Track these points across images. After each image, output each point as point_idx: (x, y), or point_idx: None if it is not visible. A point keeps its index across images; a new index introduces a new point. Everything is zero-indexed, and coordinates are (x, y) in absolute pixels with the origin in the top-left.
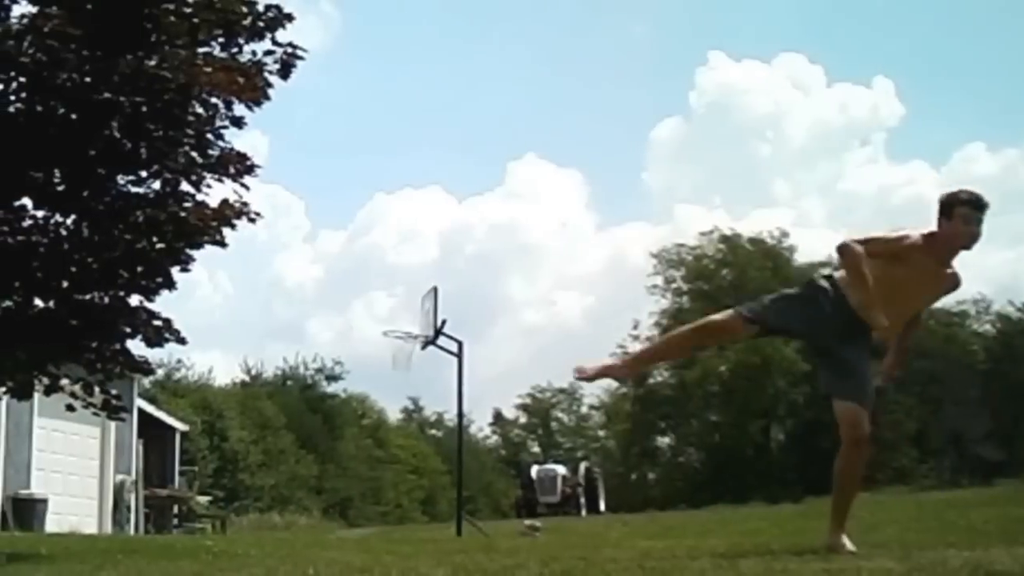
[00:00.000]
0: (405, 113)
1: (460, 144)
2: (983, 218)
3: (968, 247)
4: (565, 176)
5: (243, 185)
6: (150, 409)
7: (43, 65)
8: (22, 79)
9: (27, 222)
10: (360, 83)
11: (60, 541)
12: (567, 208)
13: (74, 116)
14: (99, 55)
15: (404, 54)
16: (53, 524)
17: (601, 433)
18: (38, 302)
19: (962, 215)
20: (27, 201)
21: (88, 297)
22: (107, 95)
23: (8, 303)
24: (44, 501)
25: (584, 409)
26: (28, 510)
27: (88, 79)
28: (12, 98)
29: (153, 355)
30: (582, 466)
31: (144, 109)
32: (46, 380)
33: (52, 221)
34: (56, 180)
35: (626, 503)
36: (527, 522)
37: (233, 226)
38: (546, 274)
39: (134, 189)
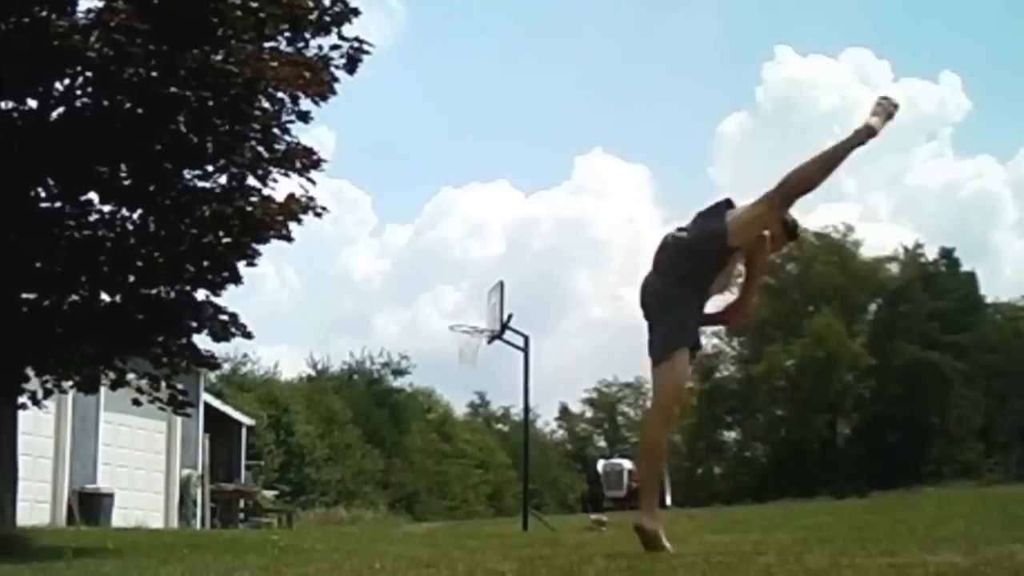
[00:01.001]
0: (472, 107)
1: (527, 138)
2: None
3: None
4: (632, 171)
5: (309, 180)
6: (216, 403)
7: (110, 60)
8: (88, 74)
9: (93, 216)
10: (427, 77)
11: (126, 535)
12: (634, 203)
13: (140, 111)
14: (165, 49)
15: (470, 48)
16: (119, 518)
17: None
18: (104, 296)
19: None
20: (93, 196)
21: (154, 291)
22: (173, 89)
23: (74, 297)
24: (110, 495)
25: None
26: (94, 504)
27: (154, 74)
28: (79, 93)
29: (219, 349)
30: None
31: (210, 103)
32: (112, 374)
33: (118, 215)
34: (122, 175)
35: (692, 497)
36: (593, 516)
37: (299, 220)
38: (613, 268)
39: (200, 183)
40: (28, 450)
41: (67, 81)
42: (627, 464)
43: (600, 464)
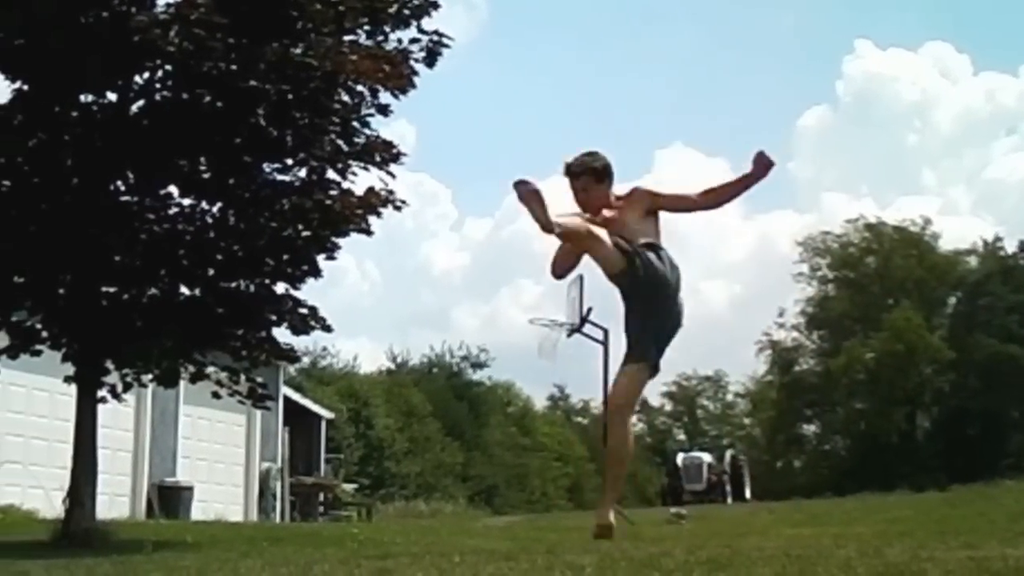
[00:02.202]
0: (553, 100)
1: (608, 131)
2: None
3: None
4: (712, 165)
5: (389, 173)
6: (296, 397)
7: (189, 54)
8: (168, 67)
9: (173, 210)
10: (507, 71)
11: (205, 529)
12: None
13: (220, 104)
14: (245, 43)
15: (551, 42)
16: (198, 512)
17: (747, 421)
18: (184, 290)
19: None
20: (173, 189)
21: (234, 285)
22: (253, 83)
23: (154, 291)
24: (190, 489)
25: (729, 397)
26: (174, 498)
27: (234, 67)
28: (158, 86)
29: (299, 343)
30: (728, 454)
31: (290, 97)
32: (192, 368)
33: (198, 209)
34: (202, 168)
35: (771, 491)
36: (673, 510)
37: (379, 214)
38: (692, 262)
39: (280, 177)
40: (107, 443)
41: (147, 75)
42: (706, 457)
43: (679, 457)
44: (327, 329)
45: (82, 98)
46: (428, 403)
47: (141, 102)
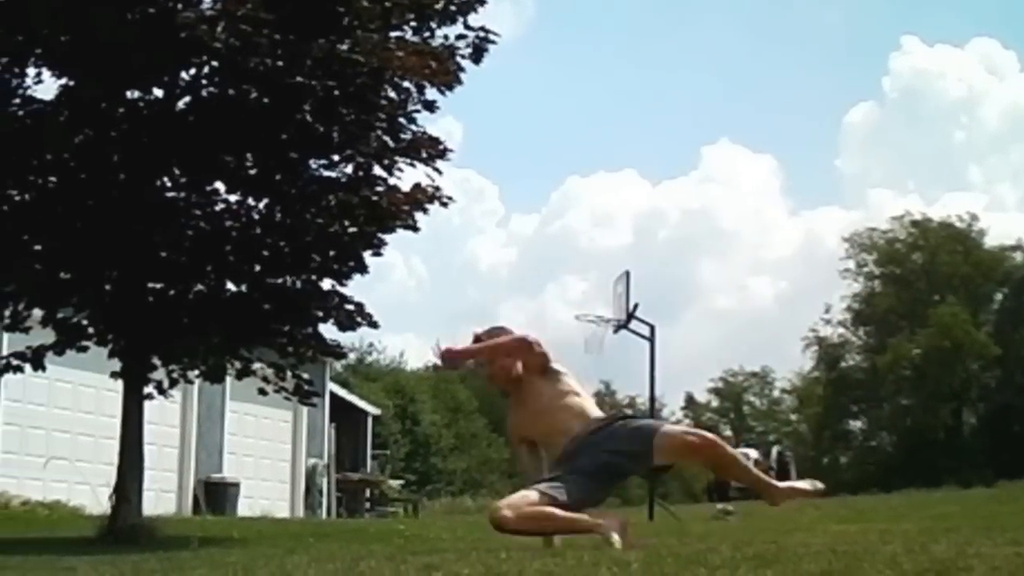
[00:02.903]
0: (599, 97)
1: (655, 128)
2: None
3: None
4: (759, 161)
5: (436, 169)
6: (342, 393)
7: (236, 50)
8: (215, 64)
9: (219, 206)
10: (554, 67)
11: (252, 525)
12: (760, 193)
13: (266, 100)
14: (291, 39)
15: (597, 38)
16: (245, 508)
17: (793, 417)
18: (230, 286)
19: None
20: (219, 185)
21: (280, 281)
22: (299, 79)
23: (200, 287)
24: (236, 485)
25: (776, 393)
26: (220, 494)
27: (280, 63)
28: (204, 83)
29: (345, 339)
30: (774, 450)
31: (336, 93)
32: (238, 364)
33: (244, 205)
34: (248, 164)
35: None
36: (719, 506)
37: (425, 210)
38: (739, 259)
39: (326, 173)
40: (154, 439)
41: (193, 71)
42: (753, 453)
43: None
44: (373, 325)
45: (128, 94)
46: (474, 399)
47: (187, 98)
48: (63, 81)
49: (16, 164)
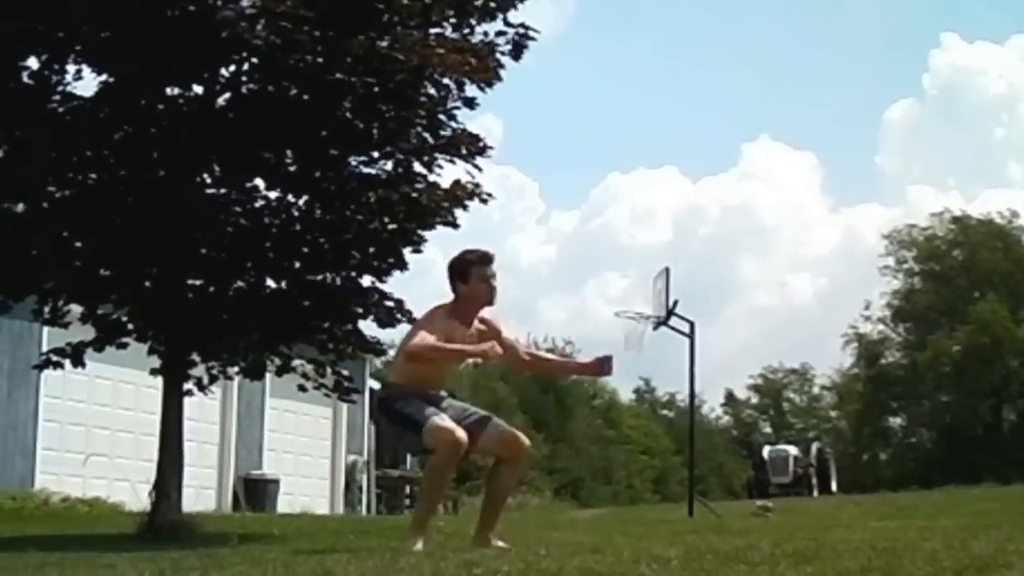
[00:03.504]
0: (639, 93)
1: (695, 124)
2: (495, 270)
3: (491, 302)
4: (799, 158)
5: (475, 166)
6: None
7: (276, 47)
8: (254, 60)
9: (259, 203)
10: (594, 64)
11: (292, 521)
12: (800, 190)
13: (306, 97)
14: (331, 36)
15: (638, 35)
16: (284, 504)
17: (833, 413)
18: (270, 283)
19: (478, 274)
20: (259, 182)
21: (320, 278)
22: (339, 76)
23: (240, 284)
24: (276, 481)
25: (816, 390)
26: (260, 490)
27: (320, 60)
28: (244, 80)
29: (385, 335)
30: (814, 447)
31: (376, 90)
32: (278, 360)
33: (284, 202)
34: (288, 161)
35: (858, 483)
36: (759, 503)
37: (465, 207)
38: (779, 256)
39: (366, 170)
40: (194, 436)
41: (232, 68)
42: (792, 450)
43: (766, 450)
44: (413, 322)
45: (168, 91)
46: (514, 396)
47: (227, 95)
48: (103, 78)
49: (56, 161)
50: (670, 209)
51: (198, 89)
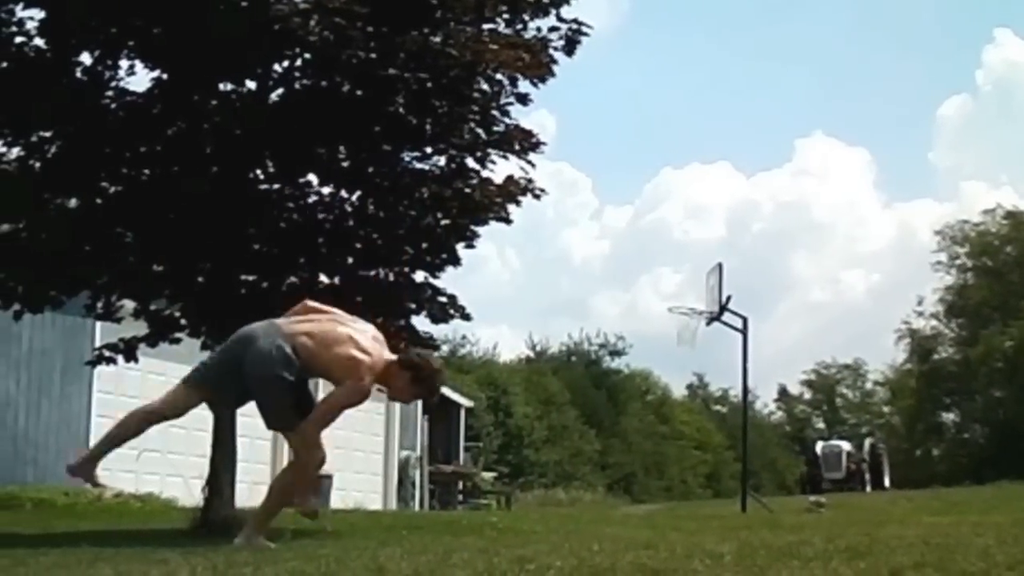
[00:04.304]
0: (693, 89)
1: (749, 120)
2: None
3: (404, 401)
4: (853, 154)
5: (528, 162)
6: None
7: (329, 43)
8: (308, 56)
9: (312, 198)
10: (647, 60)
11: (345, 517)
12: (854, 186)
13: (359, 93)
14: (384, 32)
15: (691, 30)
16: (337, 500)
17: (886, 409)
18: (323, 278)
19: (423, 383)
20: (312, 177)
21: (372, 273)
22: (392, 72)
23: (293, 279)
24: (328, 477)
25: (868, 385)
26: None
27: (373, 56)
28: (298, 75)
29: (438, 331)
30: (867, 442)
31: (429, 85)
32: None
33: (337, 197)
34: (341, 156)
35: (910, 479)
36: (812, 498)
37: (518, 202)
38: (832, 252)
39: (419, 165)
40: (246, 432)
41: (286, 64)
42: (846, 446)
43: (819, 446)
44: (466, 317)
45: (221, 86)
46: (567, 391)
47: (280, 90)
48: (156, 74)
49: (109, 157)
50: (724, 205)
51: (251, 85)
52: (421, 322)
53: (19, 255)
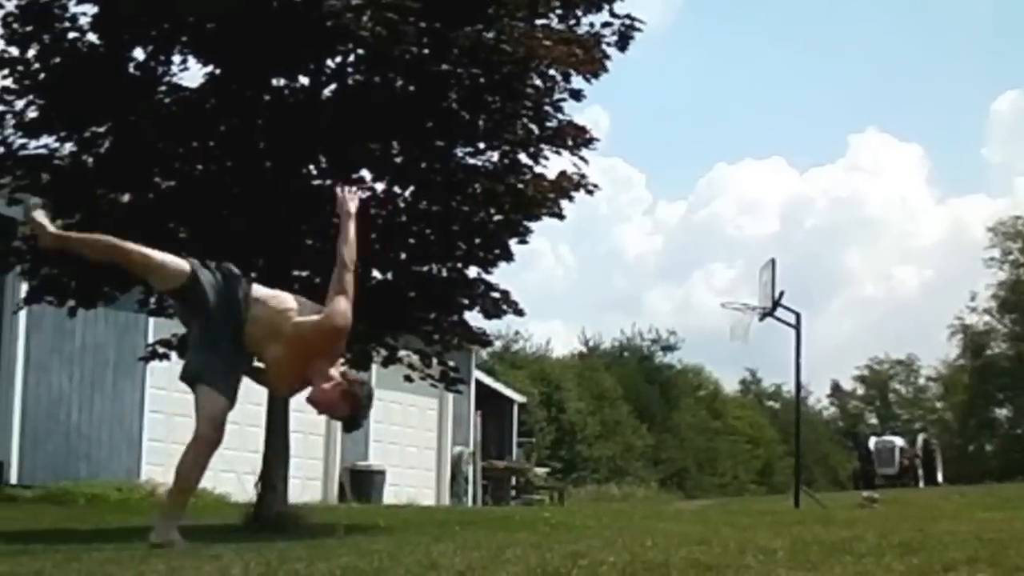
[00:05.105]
0: (746, 84)
1: (803, 115)
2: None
3: (320, 410)
4: (906, 150)
5: (581, 158)
6: (488, 381)
7: (382, 39)
8: (360, 51)
9: (365, 194)
10: (701, 55)
11: (398, 513)
12: (907, 181)
13: (412, 88)
14: (437, 28)
15: (745, 26)
16: (390, 495)
17: (938, 405)
18: (376, 274)
19: (349, 403)
20: (366, 173)
21: (426, 269)
22: (445, 67)
23: None
24: (382, 473)
25: (922, 381)
26: (366, 482)
27: (426, 51)
28: (350, 71)
29: (491, 326)
30: (920, 437)
31: (482, 81)
32: (384, 351)
33: (390, 193)
34: (394, 152)
35: (963, 475)
36: (865, 494)
37: (571, 198)
38: (885, 247)
39: (472, 161)
40: (300, 427)
41: (339, 59)
42: (899, 441)
43: (872, 441)
44: (519, 313)
45: (273, 82)
46: (619, 386)
47: (333, 86)
48: (208, 69)
49: (162, 152)
50: (777, 200)
51: (304, 80)
52: (474, 318)
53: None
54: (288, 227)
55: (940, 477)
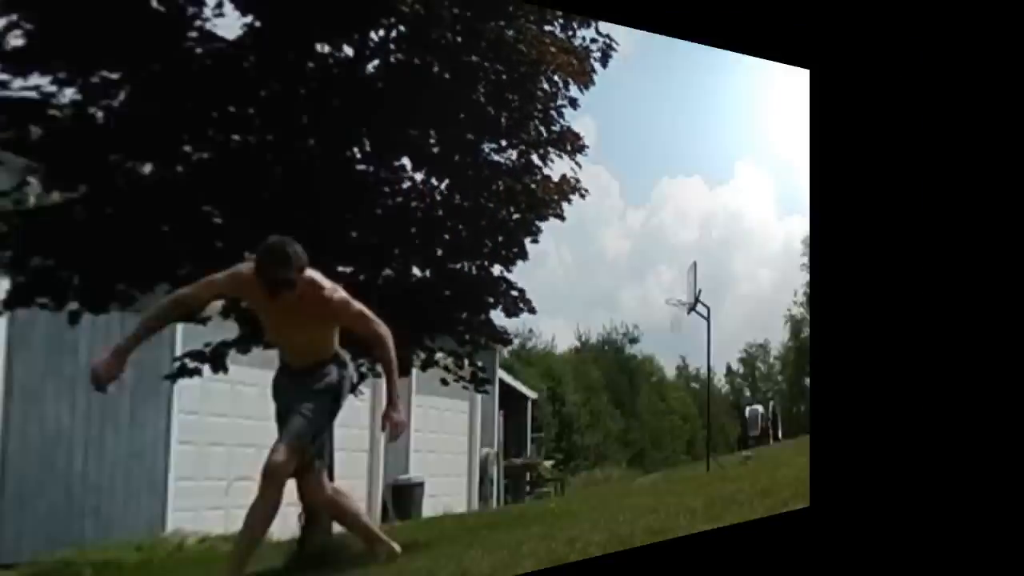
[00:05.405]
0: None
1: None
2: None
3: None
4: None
5: (576, 163)
6: (508, 379)
7: (420, 18)
8: (401, 28)
9: (406, 184)
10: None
11: (435, 524)
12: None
13: (447, 76)
14: (468, 16)
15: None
16: (428, 507)
17: (779, 378)
18: (415, 271)
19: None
20: (406, 161)
21: (458, 266)
22: (475, 59)
23: (388, 272)
24: (420, 485)
25: (771, 360)
26: (406, 496)
27: (459, 39)
28: (392, 47)
29: (510, 325)
30: (772, 404)
31: (504, 78)
32: (423, 354)
33: (428, 184)
34: (431, 141)
35: (794, 431)
36: (743, 453)
37: (569, 201)
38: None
39: (495, 157)
40: (343, 444)
41: (381, 32)
42: (760, 410)
43: (747, 410)
44: (532, 311)
45: (318, 47)
46: (602, 378)
47: (376, 62)
48: (248, 20)
49: (192, 113)
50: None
51: (348, 51)
52: (496, 316)
53: (75, 236)
54: (333, 217)
55: (780, 434)
